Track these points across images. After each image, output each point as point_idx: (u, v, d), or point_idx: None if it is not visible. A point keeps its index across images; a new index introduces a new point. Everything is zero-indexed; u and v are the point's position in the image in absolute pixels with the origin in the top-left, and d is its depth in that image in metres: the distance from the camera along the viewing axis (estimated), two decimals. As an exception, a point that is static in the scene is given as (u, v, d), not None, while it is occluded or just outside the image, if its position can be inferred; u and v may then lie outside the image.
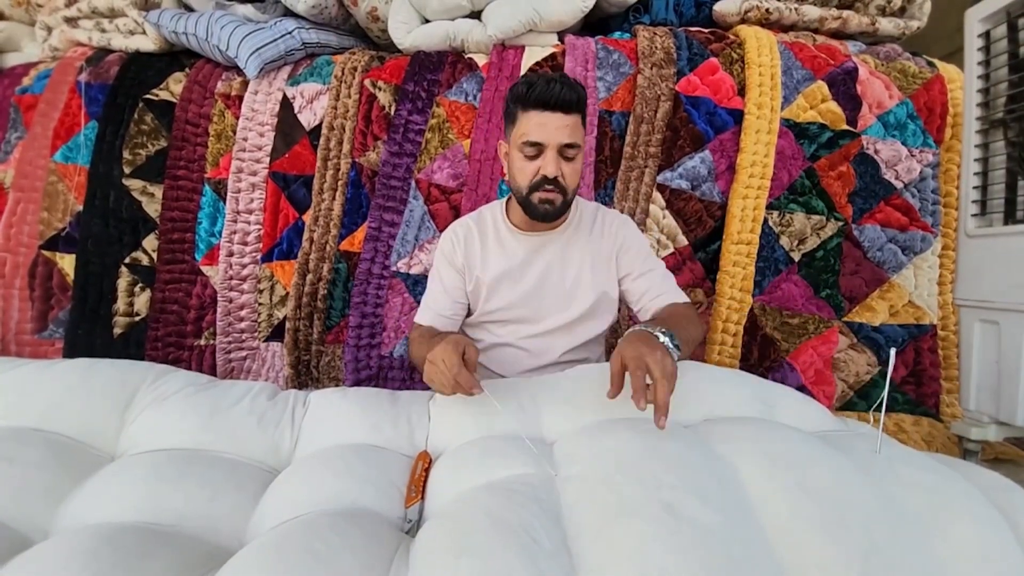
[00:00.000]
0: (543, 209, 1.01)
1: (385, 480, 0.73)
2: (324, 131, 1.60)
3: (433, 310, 1.12)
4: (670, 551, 0.52)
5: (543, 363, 1.12)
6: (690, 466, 0.64)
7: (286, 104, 1.65)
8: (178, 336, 1.61)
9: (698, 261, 1.53)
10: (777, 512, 0.59)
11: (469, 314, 1.16)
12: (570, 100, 0.96)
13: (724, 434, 0.74)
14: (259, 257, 1.63)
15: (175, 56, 1.77)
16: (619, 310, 1.18)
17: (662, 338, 0.79)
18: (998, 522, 0.62)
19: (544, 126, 0.96)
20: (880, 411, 0.78)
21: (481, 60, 1.65)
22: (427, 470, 0.76)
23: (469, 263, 1.11)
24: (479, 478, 0.69)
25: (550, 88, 0.95)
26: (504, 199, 1.17)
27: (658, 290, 1.08)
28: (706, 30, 1.66)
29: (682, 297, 1.09)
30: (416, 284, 1.54)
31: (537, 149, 0.98)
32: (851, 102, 1.52)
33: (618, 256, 1.11)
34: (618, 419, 0.77)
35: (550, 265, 1.10)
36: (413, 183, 1.58)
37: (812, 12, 1.66)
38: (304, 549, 0.55)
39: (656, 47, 1.55)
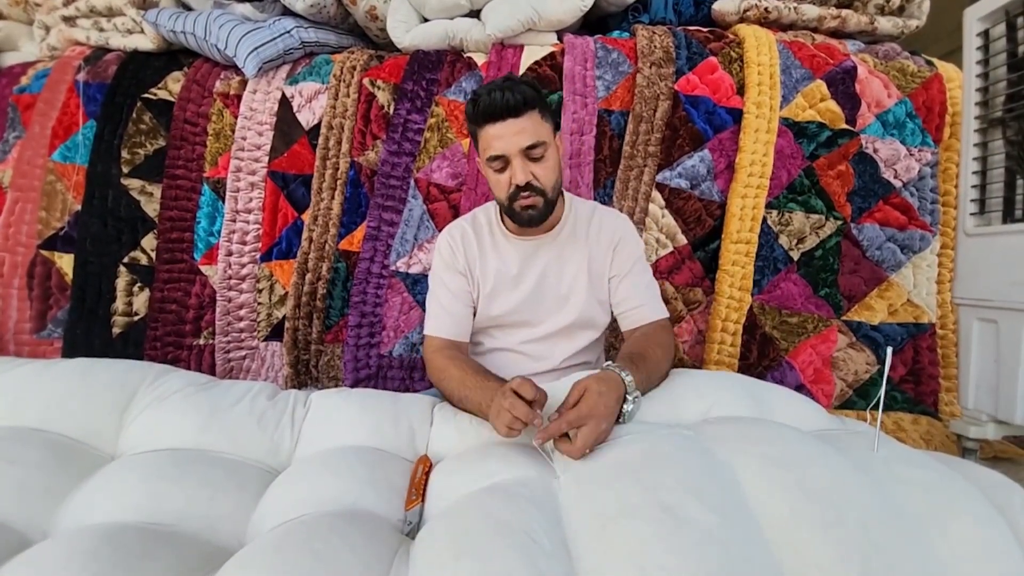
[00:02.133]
0: (527, 216, 1.00)
1: (386, 482, 0.73)
2: (323, 130, 1.60)
3: (447, 318, 1.07)
4: (669, 551, 0.52)
5: (544, 369, 1.11)
6: (688, 468, 0.64)
7: (285, 103, 1.64)
8: (177, 336, 1.61)
9: (697, 260, 1.53)
10: (776, 512, 0.59)
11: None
12: (516, 103, 0.94)
13: (721, 435, 0.75)
14: (258, 256, 1.62)
15: (173, 55, 1.77)
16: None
17: (628, 405, 0.80)
18: (997, 520, 0.62)
19: (500, 137, 0.95)
20: (877, 410, 0.78)
21: (480, 59, 1.65)
22: (427, 473, 0.76)
23: (470, 266, 1.10)
24: (480, 481, 0.69)
25: (492, 98, 0.94)
26: None
27: (640, 300, 1.07)
28: (705, 29, 1.66)
29: (662, 313, 1.08)
30: (415, 283, 1.54)
31: (502, 161, 0.97)
32: (850, 101, 1.52)
33: (614, 251, 1.10)
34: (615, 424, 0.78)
35: (547, 269, 1.09)
36: (412, 182, 1.58)
37: (811, 11, 1.66)
38: (304, 549, 0.55)
39: (655, 46, 1.55)
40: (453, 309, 1.08)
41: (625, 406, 0.80)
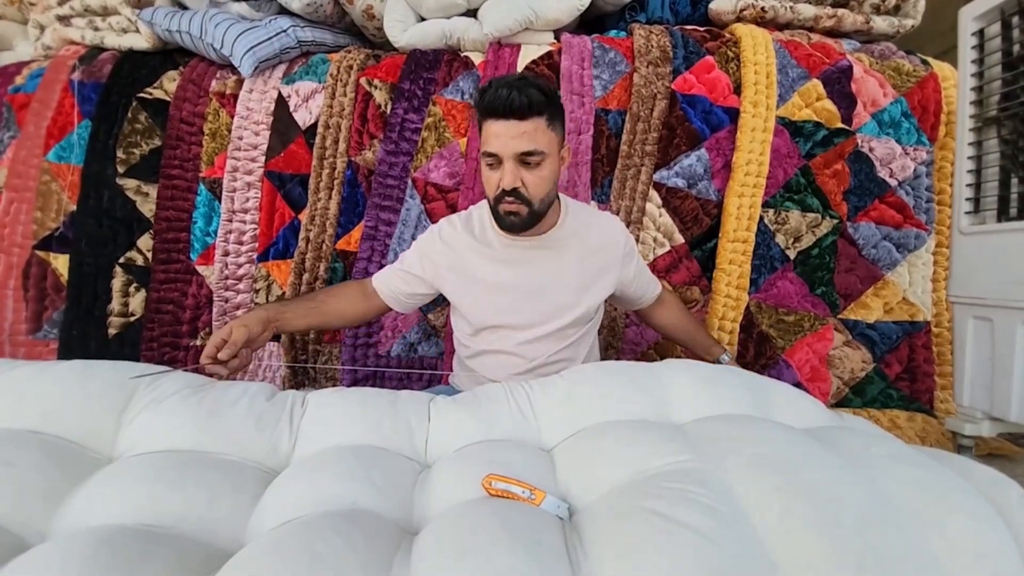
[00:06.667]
0: (509, 221, 0.98)
1: (386, 481, 0.72)
2: (320, 130, 1.60)
3: (389, 281, 1.15)
4: (662, 552, 0.52)
5: (532, 366, 1.11)
6: (681, 470, 0.65)
7: (281, 103, 1.64)
8: (173, 336, 1.61)
9: (694, 259, 1.54)
10: (768, 513, 0.59)
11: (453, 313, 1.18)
12: (522, 105, 0.89)
13: (714, 435, 0.75)
14: (255, 257, 1.62)
15: (169, 54, 1.76)
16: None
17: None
18: (993, 517, 0.62)
19: (498, 136, 0.92)
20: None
21: (477, 58, 1.65)
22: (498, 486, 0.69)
23: (438, 274, 1.11)
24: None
25: (498, 95, 0.90)
26: None
27: (646, 288, 1.22)
28: (702, 28, 1.67)
29: (660, 287, 1.26)
30: (413, 283, 1.54)
31: (495, 159, 0.94)
32: (846, 100, 1.53)
33: (621, 265, 1.13)
34: (612, 422, 0.79)
35: (542, 271, 1.07)
36: (410, 182, 1.57)
37: (807, 10, 1.66)
38: (304, 549, 0.55)
39: (652, 45, 1.55)
40: (397, 284, 1.14)
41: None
